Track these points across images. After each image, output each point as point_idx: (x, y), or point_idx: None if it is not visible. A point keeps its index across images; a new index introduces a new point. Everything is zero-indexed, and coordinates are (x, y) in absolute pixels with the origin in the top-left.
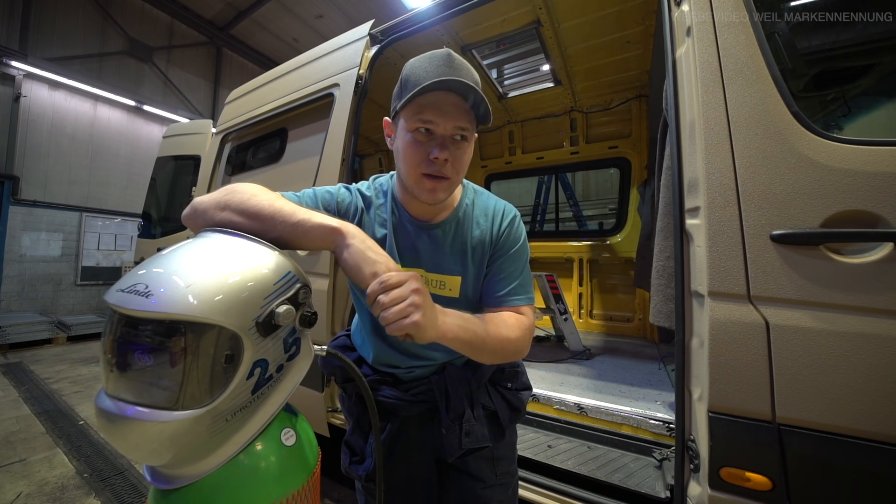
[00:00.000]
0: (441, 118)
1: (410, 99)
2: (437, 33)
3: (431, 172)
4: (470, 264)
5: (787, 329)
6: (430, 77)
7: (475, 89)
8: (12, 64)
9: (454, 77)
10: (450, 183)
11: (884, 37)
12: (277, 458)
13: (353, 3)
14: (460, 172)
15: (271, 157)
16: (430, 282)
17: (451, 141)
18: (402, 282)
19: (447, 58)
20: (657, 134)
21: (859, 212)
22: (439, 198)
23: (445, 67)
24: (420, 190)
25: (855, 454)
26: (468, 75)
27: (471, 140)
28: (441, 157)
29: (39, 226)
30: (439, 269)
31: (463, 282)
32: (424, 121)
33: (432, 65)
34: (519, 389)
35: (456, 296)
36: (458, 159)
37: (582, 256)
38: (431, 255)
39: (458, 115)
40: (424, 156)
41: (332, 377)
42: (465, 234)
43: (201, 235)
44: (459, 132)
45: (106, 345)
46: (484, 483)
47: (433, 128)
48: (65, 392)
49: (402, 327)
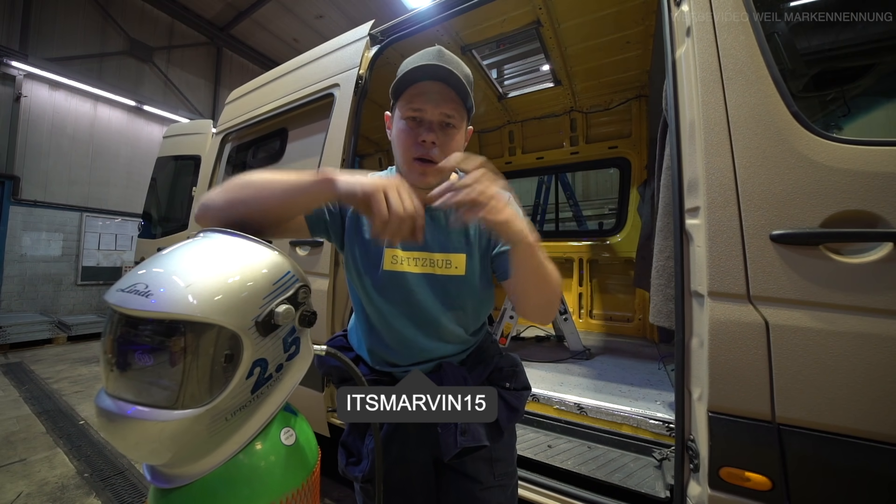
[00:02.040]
0: (428, 105)
1: (400, 87)
2: (437, 33)
3: (421, 156)
4: (474, 241)
5: (787, 329)
6: (419, 69)
7: (454, 73)
8: (12, 64)
9: (435, 62)
10: (439, 168)
11: (884, 37)
12: (277, 457)
13: (353, 3)
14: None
15: (271, 157)
16: (437, 262)
17: (439, 126)
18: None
19: (437, 53)
20: (657, 134)
21: (859, 212)
22: (430, 181)
23: (436, 60)
24: (412, 174)
25: (855, 454)
26: (458, 69)
27: (459, 127)
28: (428, 139)
29: (40, 226)
30: (444, 248)
31: (468, 259)
32: (414, 109)
33: (424, 59)
34: (517, 389)
35: (462, 273)
36: (446, 144)
37: (582, 256)
38: (435, 236)
39: (444, 101)
40: (414, 139)
41: (329, 377)
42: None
43: (201, 235)
44: (446, 118)
45: (106, 344)
46: (482, 484)
47: (422, 115)
48: (65, 392)
49: (498, 208)
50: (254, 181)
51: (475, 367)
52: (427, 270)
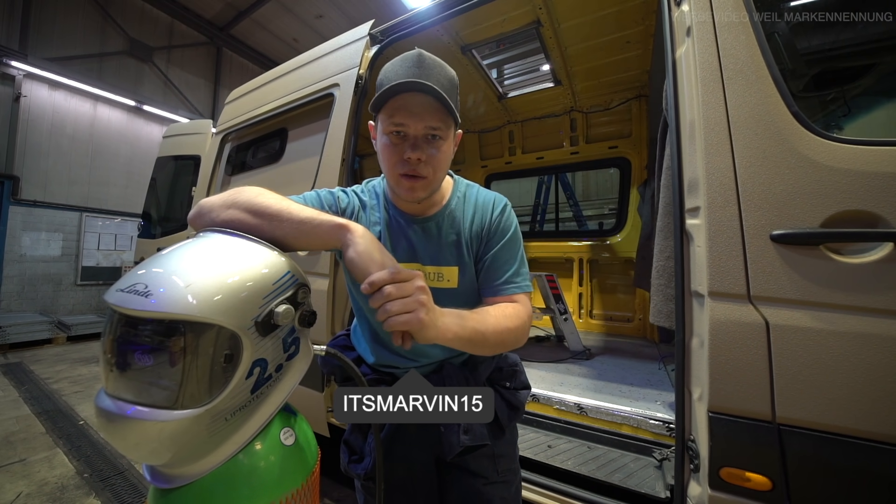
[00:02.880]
0: (411, 120)
1: (380, 102)
2: (437, 33)
3: (407, 172)
4: (466, 254)
5: (787, 329)
6: (398, 79)
7: (436, 90)
8: (12, 64)
9: (417, 79)
10: (427, 182)
11: (884, 37)
12: (277, 457)
13: (353, 3)
14: (438, 170)
15: (271, 157)
16: (429, 275)
17: (425, 140)
18: (411, 277)
19: (417, 59)
20: (657, 134)
21: (859, 212)
22: (419, 196)
23: (415, 69)
24: (400, 189)
25: (855, 454)
26: (440, 74)
27: (447, 138)
28: (413, 157)
29: (39, 226)
30: (436, 261)
31: (461, 272)
32: (396, 124)
33: (403, 67)
34: (517, 388)
35: (455, 286)
36: (433, 157)
37: (582, 256)
38: (426, 248)
39: (429, 114)
40: (400, 157)
41: (332, 376)
42: (459, 226)
43: (201, 235)
44: (431, 131)
45: (106, 344)
46: (486, 479)
47: (405, 129)
48: (65, 392)
49: (405, 322)
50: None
51: (476, 367)
52: None
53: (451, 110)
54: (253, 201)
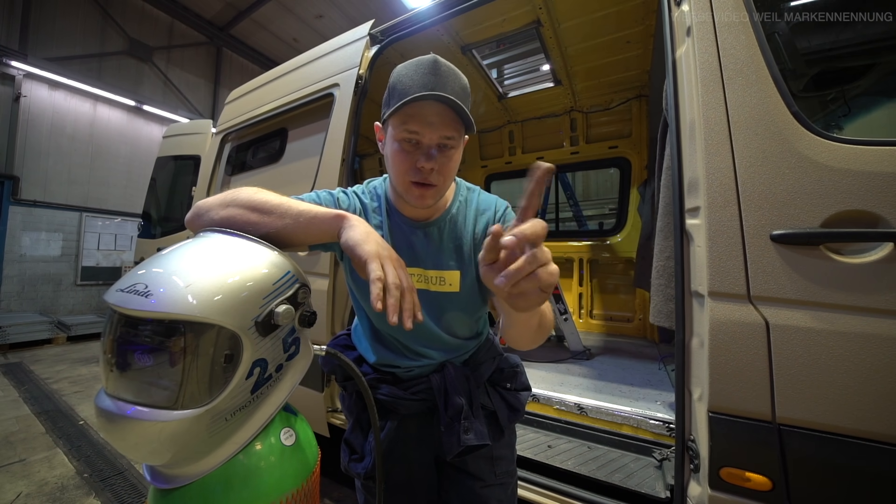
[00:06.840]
0: (426, 129)
1: (396, 109)
2: (437, 33)
3: (419, 180)
4: (468, 259)
5: (787, 329)
6: (415, 86)
7: (455, 102)
8: (12, 64)
9: (437, 91)
10: (437, 189)
11: (884, 37)
12: (277, 457)
13: (353, 3)
14: (448, 178)
15: (271, 157)
16: (431, 279)
17: (438, 149)
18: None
19: (433, 65)
20: (657, 134)
21: (859, 212)
22: (428, 203)
23: (431, 76)
24: (409, 196)
25: (855, 454)
26: (455, 82)
27: (458, 146)
28: (427, 166)
29: (39, 226)
30: (438, 266)
31: (462, 276)
32: (410, 131)
33: (418, 73)
34: (518, 390)
35: (457, 290)
36: (445, 166)
37: (582, 256)
38: (428, 252)
39: (444, 124)
40: (412, 165)
41: (333, 375)
42: (460, 230)
43: (201, 235)
44: (445, 140)
45: (106, 345)
46: (483, 482)
47: (419, 138)
48: (65, 392)
49: (549, 284)
50: (261, 204)
51: (477, 367)
52: (421, 286)
53: (467, 119)
54: (252, 198)
